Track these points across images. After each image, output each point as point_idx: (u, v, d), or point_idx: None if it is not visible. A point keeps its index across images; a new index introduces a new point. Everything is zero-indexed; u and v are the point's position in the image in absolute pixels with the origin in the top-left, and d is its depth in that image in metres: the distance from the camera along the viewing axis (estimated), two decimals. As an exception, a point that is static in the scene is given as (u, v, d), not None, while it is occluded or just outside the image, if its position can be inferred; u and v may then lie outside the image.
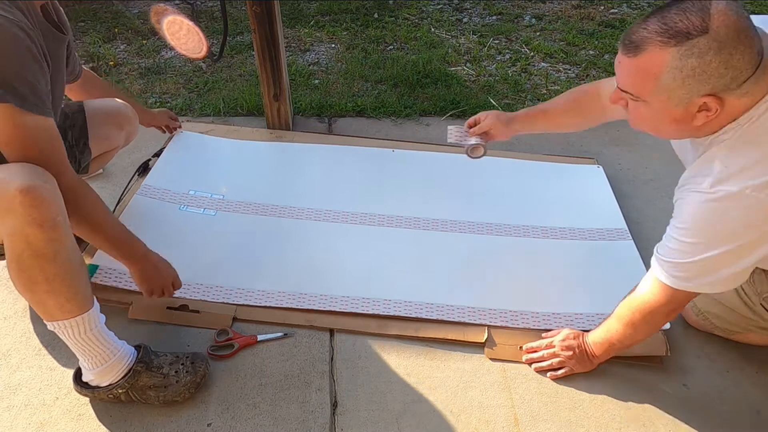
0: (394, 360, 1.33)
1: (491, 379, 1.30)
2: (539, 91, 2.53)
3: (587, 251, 1.63)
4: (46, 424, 1.17)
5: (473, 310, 1.43)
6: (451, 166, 1.94)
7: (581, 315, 1.42)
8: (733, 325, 1.32)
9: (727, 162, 0.90)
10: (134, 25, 2.95)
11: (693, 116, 0.91)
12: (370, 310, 1.41)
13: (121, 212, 1.64)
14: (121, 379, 1.15)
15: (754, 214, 0.89)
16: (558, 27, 3.15)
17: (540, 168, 1.96)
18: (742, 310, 1.26)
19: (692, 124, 0.92)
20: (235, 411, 1.21)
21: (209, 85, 2.44)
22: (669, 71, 0.86)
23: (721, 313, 1.32)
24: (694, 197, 0.95)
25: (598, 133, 2.23)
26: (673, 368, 1.34)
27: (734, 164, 0.89)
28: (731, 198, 0.89)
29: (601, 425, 1.21)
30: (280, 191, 1.79)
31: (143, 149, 1.96)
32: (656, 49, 0.86)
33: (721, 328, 1.35)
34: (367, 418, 1.21)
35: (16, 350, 1.32)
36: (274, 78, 1.96)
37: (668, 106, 0.91)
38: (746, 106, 0.88)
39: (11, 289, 1.46)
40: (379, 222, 1.70)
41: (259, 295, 1.44)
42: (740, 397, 1.29)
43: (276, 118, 2.09)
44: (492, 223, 1.71)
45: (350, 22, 3.10)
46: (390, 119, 2.26)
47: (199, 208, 1.70)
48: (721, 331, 1.36)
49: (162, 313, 1.38)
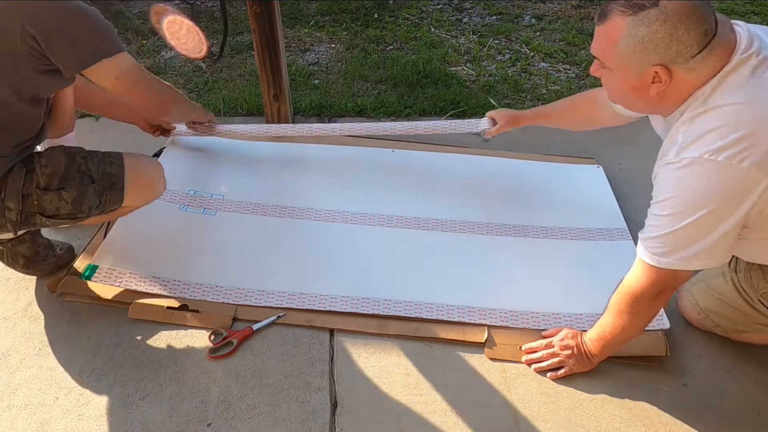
0: (394, 360, 1.33)
1: (491, 379, 1.30)
2: (539, 91, 2.53)
3: (587, 251, 1.63)
4: (46, 424, 1.17)
5: (473, 310, 1.43)
6: (451, 166, 1.94)
7: (581, 315, 1.42)
8: (733, 323, 1.32)
9: (688, 133, 0.99)
10: (134, 25, 2.95)
11: (648, 86, 1.00)
12: (370, 310, 1.41)
13: (121, 212, 1.64)
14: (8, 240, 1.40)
15: (714, 178, 0.96)
16: (558, 27, 3.15)
17: (540, 168, 1.96)
18: (743, 307, 1.27)
19: (648, 95, 1.02)
20: (235, 411, 1.21)
21: (209, 85, 2.44)
22: (624, 38, 0.96)
23: (722, 310, 1.32)
24: (664, 169, 1.03)
25: (598, 133, 2.22)
26: (673, 368, 1.34)
27: (693, 134, 0.98)
28: (693, 163, 0.97)
29: (601, 425, 1.21)
30: (281, 191, 1.79)
31: (143, 149, 1.95)
32: (617, 18, 0.97)
33: (722, 327, 1.35)
34: (367, 418, 1.21)
35: (16, 350, 1.32)
36: (274, 78, 1.96)
37: (627, 74, 1.01)
38: (696, 81, 0.98)
39: (11, 289, 1.46)
40: (379, 222, 1.70)
41: (259, 295, 1.44)
42: (740, 397, 1.29)
43: (276, 118, 2.09)
44: (492, 222, 1.72)
45: (350, 22, 3.10)
46: (390, 119, 2.26)
47: (200, 208, 1.70)
48: (721, 330, 1.36)
49: (162, 313, 1.38)
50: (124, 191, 1.34)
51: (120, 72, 1.28)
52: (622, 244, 1.64)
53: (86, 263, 1.46)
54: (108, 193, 1.32)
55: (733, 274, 1.27)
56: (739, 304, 1.27)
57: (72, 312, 1.40)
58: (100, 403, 1.21)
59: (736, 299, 1.28)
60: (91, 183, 1.28)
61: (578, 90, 2.54)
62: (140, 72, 1.34)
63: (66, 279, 1.43)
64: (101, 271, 1.44)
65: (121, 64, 1.27)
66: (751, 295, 1.24)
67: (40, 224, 1.30)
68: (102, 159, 1.32)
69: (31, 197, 1.23)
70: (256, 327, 1.37)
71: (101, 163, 1.32)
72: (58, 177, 1.25)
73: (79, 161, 1.28)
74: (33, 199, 1.23)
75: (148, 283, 1.43)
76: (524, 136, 2.18)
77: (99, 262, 1.46)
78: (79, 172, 1.27)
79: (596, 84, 2.64)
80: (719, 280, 1.32)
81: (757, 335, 1.34)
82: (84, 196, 1.27)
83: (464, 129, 1.80)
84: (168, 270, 1.48)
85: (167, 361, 1.30)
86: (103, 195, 1.31)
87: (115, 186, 1.33)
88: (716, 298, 1.33)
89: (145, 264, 1.49)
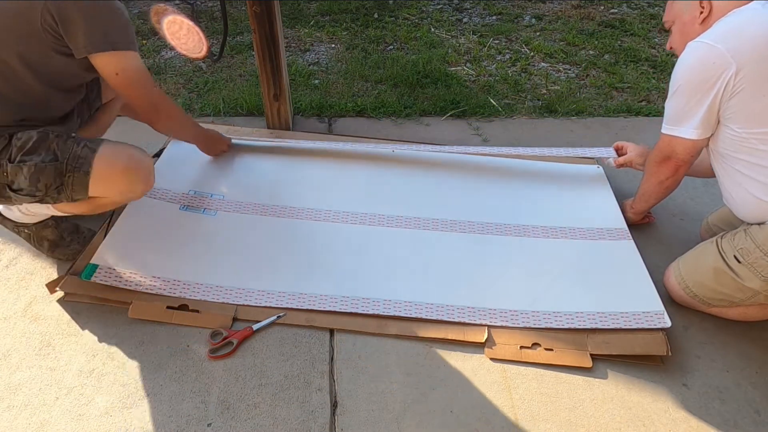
0: (394, 360, 1.33)
1: (491, 379, 1.30)
2: (539, 91, 2.53)
3: (587, 251, 1.63)
4: (46, 424, 1.17)
5: (473, 310, 1.43)
6: (451, 166, 1.94)
7: (582, 314, 1.42)
8: (709, 290, 1.40)
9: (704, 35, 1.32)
10: (134, 25, 2.95)
11: (695, 18, 1.37)
12: (371, 310, 1.41)
13: (122, 211, 1.64)
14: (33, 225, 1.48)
15: (699, 55, 1.29)
16: (558, 27, 3.15)
17: (540, 168, 1.96)
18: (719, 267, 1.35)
19: (697, 23, 1.37)
20: (235, 411, 1.21)
21: (209, 85, 2.44)
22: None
23: (700, 278, 1.41)
24: None
25: (598, 133, 2.24)
26: (673, 368, 1.34)
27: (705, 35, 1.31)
28: (691, 46, 1.31)
29: (601, 425, 1.22)
30: (281, 192, 1.79)
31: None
32: None
33: (699, 297, 1.42)
34: (367, 418, 1.21)
35: (16, 350, 1.32)
36: (274, 78, 1.97)
37: (683, 17, 1.41)
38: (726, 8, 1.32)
39: (11, 289, 1.46)
40: (379, 222, 1.70)
41: (259, 295, 1.44)
42: (740, 397, 1.29)
43: (276, 118, 2.09)
44: (492, 222, 1.72)
45: (350, 22, 3.10)
46: (390, 119, 2.26)
47: (200, 208, 1.70)
48: (699, 301, 1.43)
49: (162, 313, 1.38)
50: (90, 176, 1.30)
51: (123, 68, 1.30)
52: (622, 244, 1.64)
53: (86, 263, 1.46)
54: (72, 175, 1.29)
55: (719, 239, 1.39)
56: (716, 264, 1.35)
57: (72, 312, 1.40)
58: (100, 403, 1.21)
59: (714, 261, 1.37)
60: (54, 161, 1.28)
61: (578, 89, 2.54)
62: (143, 75, 1.36)
63: (66, 279, 1.43)
64: (101, 270, 1.44)
65: (127, 62, 1.31)
66: (727, 252, 1.34)
67: (10, 198, 1.31)
68: (78, 141, 1.31)
69: (2, 167, 1.27)
70: (256, 327, 1.37)
71: (75, 145, 1.30)
72: (24, 150, 1.27)
73: (51, 139, 1.29)
74: (3, 170, 1.27)
75: (149, 283, 1.43)
76: (525, 136, 2.19)
77: (99, 262, 1.46)
78: (47, 150, 1.28)
79: (596, 84, 2.65)
80: (706, 245, 1.43)
81: (731, 310, 1.42)
82: (42, 173, 1.27)
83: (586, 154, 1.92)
84: (168, 270, 1.48)
85: (167, 361, 1.30)
86: (65, 176, 1.28)
87: (80, 168, 1.29)
88: (695, 263, 1.44)
89: (145, 264, 1.49)
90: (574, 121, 2.31)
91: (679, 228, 1.76)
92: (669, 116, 1.40)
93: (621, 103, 2.43)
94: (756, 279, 1.29)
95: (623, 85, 2.58)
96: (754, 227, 1.32)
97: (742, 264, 1.30)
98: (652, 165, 1.51)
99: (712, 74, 1.26)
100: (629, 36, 3.10)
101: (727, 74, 1.24)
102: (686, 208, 1.82)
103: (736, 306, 1.40)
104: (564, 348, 1.36)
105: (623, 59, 2.82)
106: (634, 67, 2.76)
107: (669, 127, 1.40)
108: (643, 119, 2.34)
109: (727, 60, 1.24)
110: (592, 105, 2.41)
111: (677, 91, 1.34)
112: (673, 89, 1.36)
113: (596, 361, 1.34)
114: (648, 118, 2.35)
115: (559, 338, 1.38)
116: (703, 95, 1.29)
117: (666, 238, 1.71)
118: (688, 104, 1.33)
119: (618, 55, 2.87)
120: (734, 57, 1.23)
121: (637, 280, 1.53)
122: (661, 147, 1.44)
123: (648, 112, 2.37)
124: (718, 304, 1.42)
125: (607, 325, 1.39)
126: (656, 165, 1.48)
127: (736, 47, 1.24)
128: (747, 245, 1.30)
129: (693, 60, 1.30)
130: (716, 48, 1.26)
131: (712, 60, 1.26)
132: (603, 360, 1.35)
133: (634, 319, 1.40)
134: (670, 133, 1.40)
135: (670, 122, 1.39)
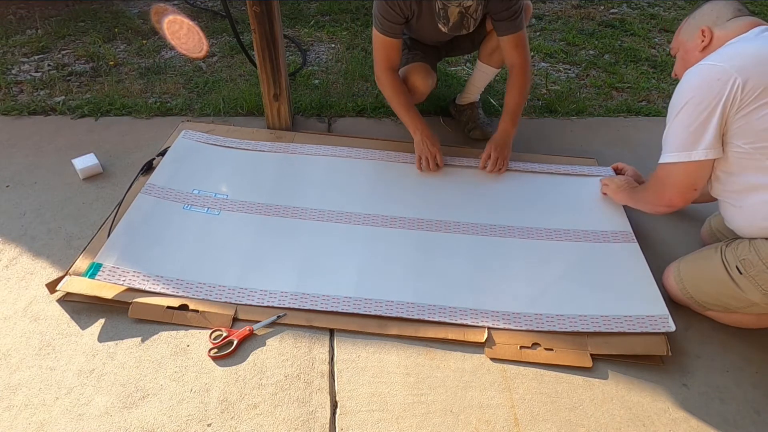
0: (394, 360, 1.33)
1: (491, 379, 1.30)
2: (539, 91, 2.53)
3: (591, 253, 1.63)
4: (46, 424, 1.17)
5: (475, 312, 1.43)
6: (453, 167, 1.94)
7: (585, 317, 1.42)
8: (705, 295, 1.40)
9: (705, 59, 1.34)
10: (134, 24, 2.95)
11: (697, 46, 1.40)
12: (372, 310, 1.41)
13: (125, 210, 1.64)
14: None
15: (702, 74, 1.28)
16: (558, 27, 3.15)
17: (543, 169, 1.96)
18: (720, 275, 1.33)
19: (698, 50, 1.40)
20: (235, 411, 1.21)
21: (209, 85, 2.43)
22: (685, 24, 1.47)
23: (699, 281, 1.41)
24: None
25: (598, 133, 2.23)
26: (673, 368, 1.34)
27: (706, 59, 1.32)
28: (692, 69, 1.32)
29: (601, 425, 1.22)
30: (283, 192, 1.79)
31: (144, 149, 1.96)
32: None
33: (695, 299, 1.42)
34: (367, 419, 1.21)
35: (16, 350, 1.32)
36: (274, 78, 1.96)
37: (686, 44, 1.45)
38: (726, 37, 1.36)
39: (11, 289, 1.46)
40: (381, 223, 1.70)
41: (260, 295, 1.44)
42: (740, 397, 1.29)
43: (276, 118, 2.09)
44: (495, 224, 1.72)
45: (350, 22, 3.10)
46: (390, 119, 2.26)
47: (203, 207, 1.70)
48: (695, 303, 1.43)
49: (162, 313, 1.38)
50: None
51: None
52: (626, 247, 1.64)
53: (89, 261, 1.46)
54: None
55: (724, 246, 1.37)
56: (717, 273, 1.34)
57: (72, 312, 1.40)
58: (100, 403, 1.21)
59: (716, 268, 1.35)
60: None
61: (578, 89, 2.54)
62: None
63: (66, 278, 1.43)
64: (105, 269, 1.44)
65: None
66: (730, 262, 1.32)
67: None
68: None
69: None
70: (256, 327, 1.37)
71: None
72: None
73: None
74: None
75: (151, 282, 1.43)
76: (525, 136, 2.19)
77: (103, 261, 1.46)
78: None
79: (596, 83, 2.64)
80: (710, 251, 1.41)
81: (727, 315, 1.41)
82: None
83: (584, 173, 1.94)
84: (171, 269, 1.48)
85: (167, 361, 1.30)
86: None
87: None
88: (696, 267, 1.42)
89: (148, 263, 1.49)
90: (574, 121, 2.31)
91: (679, 228, 1.76)
92: (673, 143, 1.33)
93: (621, 103, 2.43)
94: (756, 292, 1.28)
95: (623, 85, 2.58)
96: (760, 240, 1.30)
97: (743, 275, 1.29)
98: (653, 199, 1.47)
99: (717, 90, 1.24)
100: (629, 36, 3.10)
101: (733, 88, 1.23)
102: (687, 208, 1.82)
103: (732, 312, 1.39)
104: (564, 348, 1.36)
105: (623, 59, 2.82)
106: (634, 67, 2.76)
107: (674, 155, 1.33)
108: (643, 119, 2.34)
109: (731, 74, 1.23)
110: (592, 105, 2.41)
111: (682, 112, 1.29)
112: (675, 112, 1.31)
113: (596, 361, 1.34)
114: (648, 117, 2.35)
115: (559, 338, 1.38)
116: (711, 112, 1.26)
117: (666, 239, 1.71)
118: (694, 123, 1.28)
119: (618, 55, 2.87)
120: (738, 72, 1.23)
121: (641, 283, 1.52)
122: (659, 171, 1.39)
123: (648, 112, 2.37)
124: (715, 309, 1.41)
125: (611, 328, 1.39)
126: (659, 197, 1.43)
127: (740, 64, 1.24)
128: (750, 257, 1.29)
129: (697, 80, 1.28)
130: (719, 65, 1.26)
131: (716, 77, 1.25)
132: (603, 360, 1.35)
133: (638, 322, 1.40)
134: (675, 160, 1.33)
135: (677, 148, 1.32)
